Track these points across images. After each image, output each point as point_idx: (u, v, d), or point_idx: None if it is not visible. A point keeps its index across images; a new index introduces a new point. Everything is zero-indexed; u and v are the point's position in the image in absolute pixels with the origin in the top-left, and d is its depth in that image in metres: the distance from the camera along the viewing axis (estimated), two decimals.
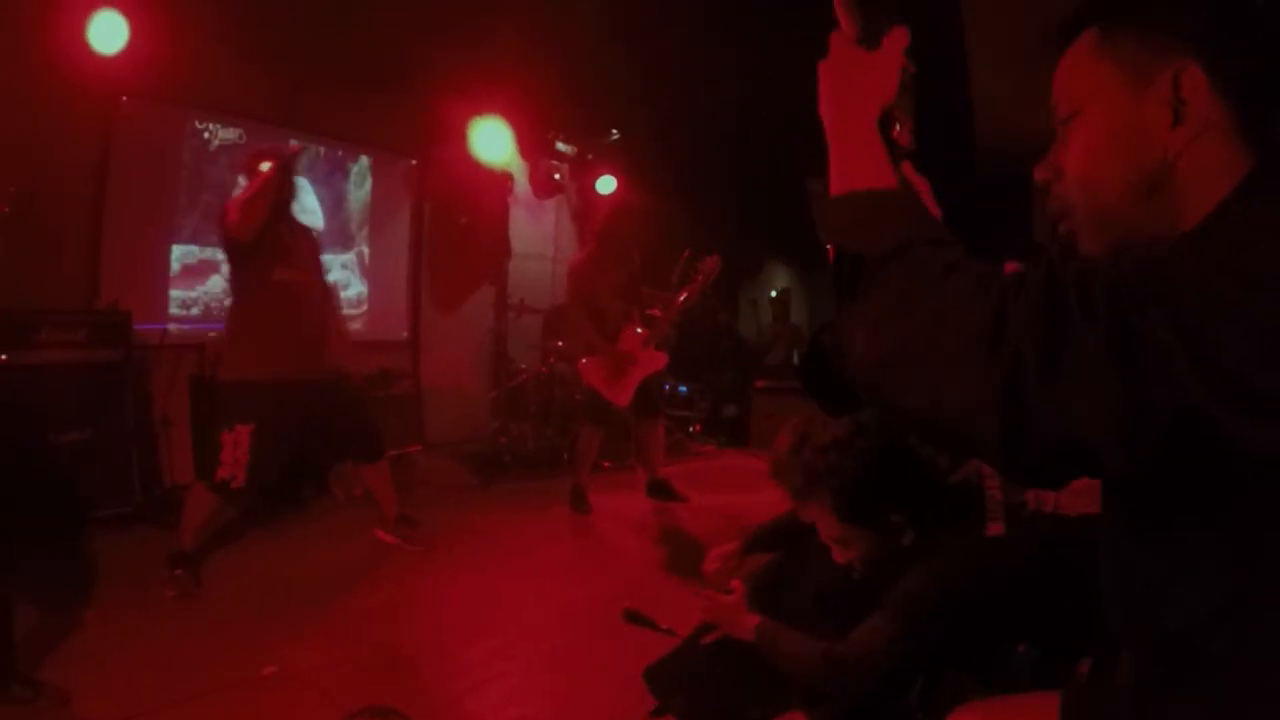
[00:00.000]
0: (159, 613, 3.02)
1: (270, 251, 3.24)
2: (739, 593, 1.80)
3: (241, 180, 3.54)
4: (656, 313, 4.58)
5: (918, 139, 0.87)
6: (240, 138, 5.16)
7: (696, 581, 3.46)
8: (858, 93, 0.85)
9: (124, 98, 4.49)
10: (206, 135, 5.03)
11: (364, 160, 6.06)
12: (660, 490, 4.73)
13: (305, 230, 3.58)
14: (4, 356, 3.70)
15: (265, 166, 3.13)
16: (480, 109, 5.67)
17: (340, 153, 5.92)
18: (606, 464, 5.46)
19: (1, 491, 3.49)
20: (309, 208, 5.52)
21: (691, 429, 6.99)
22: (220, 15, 4.43)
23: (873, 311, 0.74)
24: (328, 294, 3.73)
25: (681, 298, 4.44)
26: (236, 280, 3.36)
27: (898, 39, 0.85)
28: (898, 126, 0.86)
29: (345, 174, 5.99)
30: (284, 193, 3.29)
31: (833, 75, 0.86)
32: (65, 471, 3.79)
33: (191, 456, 4.69)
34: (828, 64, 0.87)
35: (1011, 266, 2.78)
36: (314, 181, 5.65)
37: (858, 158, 0.82)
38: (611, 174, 7.05)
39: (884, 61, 0.84)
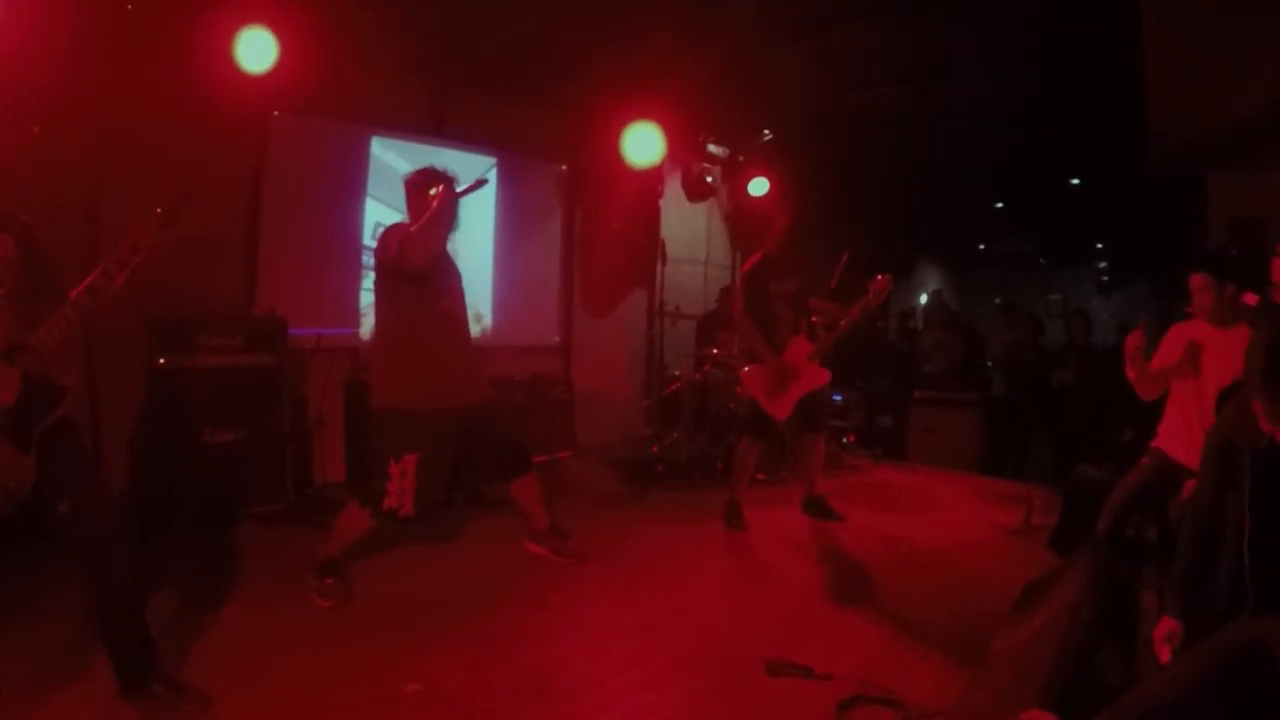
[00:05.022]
0: (308, 617, 2.96)
1: (435, 282, 3.08)
2: None
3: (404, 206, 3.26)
4: (818, 322, 4.39)
5: None
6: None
7: (858, 608, 3.20)
8: None
9: (275, 113, 4.56)
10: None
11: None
12: (817, 508, 4.57)
13: (452, 259, 3.30)
14: (162, 360, 3.83)
15: (434, 192, 2.88)
16: (630, 113, 5.59)
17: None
18: (761, 476, 5.26)
19: (157, 488, 3.64)
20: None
21: (845, 439, 6.62)
22: (371, 29, 4.46)
23: None
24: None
25: (849, 319, 4.23)
26: (393, 308, 3.10)
27: None
28: None
29: None
30: (453, 222, 3.03)
31: None
32: (220, 469, 3.90)
33: (343, 456, 4.81)
34: None
35: (1199, 280, 2.80)
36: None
37: None
38: (764, 176, 6.90)
39: None
